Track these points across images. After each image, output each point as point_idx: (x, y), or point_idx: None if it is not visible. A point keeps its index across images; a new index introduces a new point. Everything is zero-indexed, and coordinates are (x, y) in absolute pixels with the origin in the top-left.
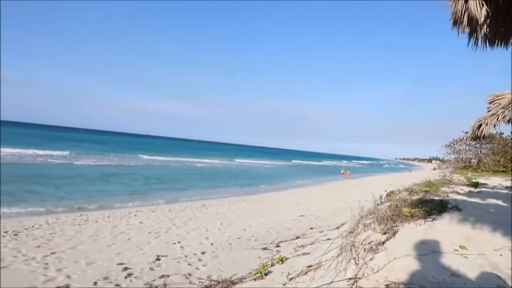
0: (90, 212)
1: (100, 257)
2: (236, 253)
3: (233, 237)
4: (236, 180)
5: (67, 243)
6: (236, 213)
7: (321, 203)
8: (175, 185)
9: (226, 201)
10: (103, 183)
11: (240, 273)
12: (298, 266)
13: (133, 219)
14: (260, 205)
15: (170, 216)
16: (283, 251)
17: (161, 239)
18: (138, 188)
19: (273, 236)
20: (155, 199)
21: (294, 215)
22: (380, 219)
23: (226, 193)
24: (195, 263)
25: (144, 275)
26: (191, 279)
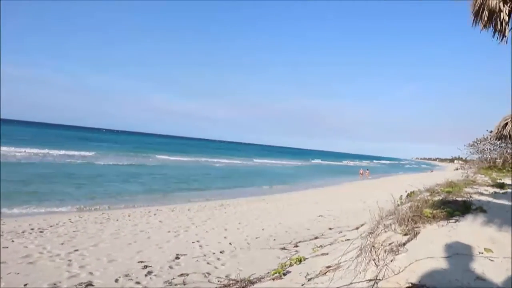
0: (111, 211)
1: (121, 255)
2: (254, 253)
3: (252, 237)
4: (254, 180)
5: (90, 240)
6: (254, 213)
7: (340, 203)
8: (194, 184)
9: (244, 200)
10: (124, 182)
11: (258, 272)
12: (316, 266)
13: (153, 218)
14: (279, 205)
15: (189, 215)
16: (302, 251)
17: (180, 238)
18: (157, 187)
19: (292, 236)
20: (174, 198)
21: (312, 215)
22: (400, 220)
23: (245, 193)
24: (214, 262)
25: (164, 273)
26: (210, 278)
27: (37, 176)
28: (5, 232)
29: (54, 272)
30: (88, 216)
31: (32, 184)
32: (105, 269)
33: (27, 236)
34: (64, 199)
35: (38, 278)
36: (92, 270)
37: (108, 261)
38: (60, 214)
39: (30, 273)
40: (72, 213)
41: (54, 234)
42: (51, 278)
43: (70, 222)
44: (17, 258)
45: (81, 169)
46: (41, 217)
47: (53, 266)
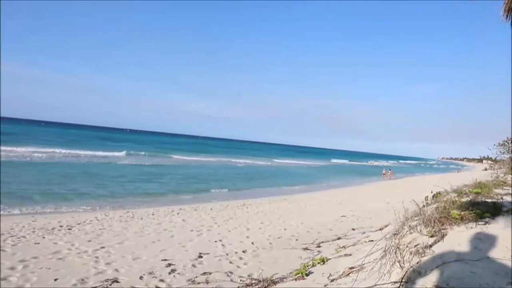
0: (135, 210)
1: (145, 252)
2: (276, 253)
3: (274, 237)
4: (275, 180)
5: (115, 238)
6: (276, 213)
7: (362, 203)
8: (216, 184)
9: (266, 200)
10: (147, 182)
11: (280, 272)
12: (339, 267)
13: (176, 217)
14: (301, 204)
15: (211, 214)
16: (324, 252)
17: (203, 237)
18: (179, 187)
19: (314, 236)
20: (196, 197)
21: (335, 216)
22: (426, 221)
23: (266, 193)
24: (236, 262)
25: (187, 272)
26: (232, 277)
27: (62, 175)
28: (36, 229)
29: (82, 268)
30: (113, 214)
31: (58, 183)
32: (130, 266)
33: (57, 233)
34: (90, 198)
35: (67, 274)
36: (117, 267)
37: (132, 259)
38: (86, 212)
39: (60, 269)
40: (98, 212)
41: (81, 231)
42: (79, 274)
43: (96, 220)
44: (47, 253)
45: (104, 169)
46: (69, 215)
47: (81, 262)
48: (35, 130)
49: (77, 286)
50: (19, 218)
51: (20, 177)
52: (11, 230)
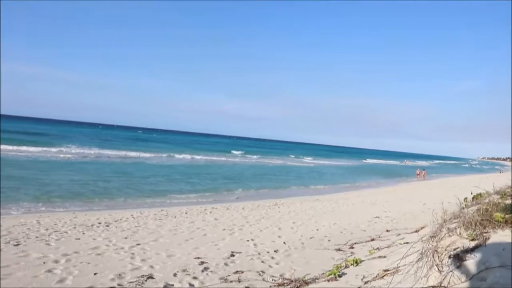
0: (169, 208)
1: (179, 250)
2: (308, 253)
3: (306, 237)
4: (308, 180)
5: (150, 235)
6: (308, 213)
7: (397, 204)
8: (247, 183)
9: (298, 200)
10: (180, 181)
11: (313, 273)
12: (373, 269)
13: (209, 215)
14: (333, 205)
15: (243, 214)
16: (358, 253)
17: (235, 236)
18: (212, 186)
19: (347, 237)
20: (228, 197)
21: (368, 216)
22: (467, 224)
23: (298, 192)
24: (268, 261)
25: (219, 270)
26: (264, 277)
27: (98, 174)
28: (77, 225)
29: (119, 263)
30: (148, 212)
31: (97, 182)
32: (164, 263)
33: (95, 230)
34: (126, 196)
35: (106, 268)
36: (152, 263)
37: (167, 256)
38: (122, 210)
39: (98, 263)
40: (133, 209)
41: (118, 228)
42: (117, 269)
43: (132, 217)
44: (87, 249)
45: (137, 168)
46: (106, 212)
47: (118, 258)
48: (70, 131)
49: (114, 280)
50: (62, 214)
51: (58, 176)
52: (55, 226)
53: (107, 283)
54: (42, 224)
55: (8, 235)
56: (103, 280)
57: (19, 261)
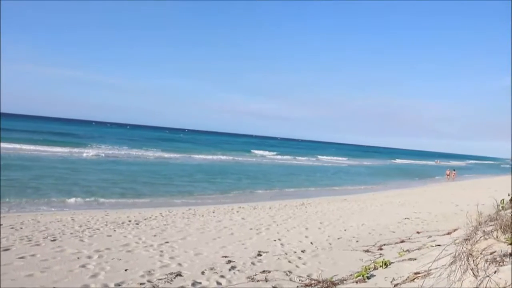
0: (197, 207)
1: (206, 249)
2: (336, 254)
3: (333, 237)
4: (335, 179)
5: (178, 234)
6: (336, 213)
7: (427, 205)
8: (274, 183)
9: (325, 200)
10: (208, 180)
11: (340, 274)
12: (403, 271)
13: (236, 215)
14: (361, 205)
15: (270, 213)
16: (387, 255)
17: (262, 236)
18: (239, 185)
19: (376, 238)
20: (255, 196)
21: (398, 217)
22: (504, 227)
23: (325, 192)
24: (295, 261)
25: (247, 269)
26: (291, 277)
27: (127, 174)
28: (108, 223)
29: (148, 260)
30: (176, 211)
31: (126, 181)
32: (192, 261)
33: (126, 227)
34: (154, 195)
35: (136, 265)
36: (181, 261)
37: (195, 254)
38: (151, 209)
39: (129, 260)
40: (162, 208)
41: (147, 226)
42: (146, 266)
43: (161, 216)
44: (118, 245)
45: (165, 167)
46: (136, 210)
47: (147, 256)
48: (99, 131)
49: (144, 277)
50: (94, 212)
51: (89, 175)
52: (88, 223)
53: (137, 279)
54: (76, 221)
55: (46, 230)
56: (133, 276)
57: (56, 256)
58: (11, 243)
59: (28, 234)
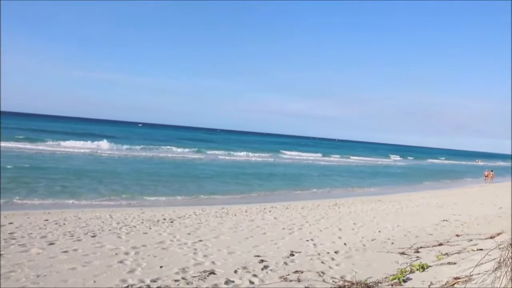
0: (229, 206)
1: (239, 248)
2: (370, 255)
3: (367, 238)
4: (369, 179)
5: (211, 232)
6: (370, 214)
7: (467, 207)
8: (307, 183)
9: (359, 200)
10: (241, 179)
11: (375, 276)
12: (441, 276)
13: (268, 214)
14: (396, 206)
15: (302, 213)
16: (424, 258)
17: (295, 235)
18: (271, 185)
19: (412, 241)
20: (287, 196)
21: (435, 219)
22: None
23: (359, 193)
24: (328, 262)
25: (279, 269)
26: (324, 277)
27: (161, 173)
28: (144, 220)
29: (182, 258)
30: (209, 210)
31: (160, 180)
32: (225, 260)
33: (161, 225)
34: (188, 193)
35: (170, 262)
36: (214, 259)
37: (227, 253)
38: (185, 207)
39: (164, 257)
40: (195, 207)
41: (182, 224)
42: (180, 264)
43: (194, 215)
44: (153, 243)
45: (200, 167)
46: (170, 208)
47: (181, 253)
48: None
49: (179, 274)
50: (131, 210)
51: (123, 174)
52: (125, 220)
53: (172, 276)
54: (114, 218)
55: (86, 227)
56: (168, 273)
57: (96, 251)
58: (56, 237)
59: (70, 230)
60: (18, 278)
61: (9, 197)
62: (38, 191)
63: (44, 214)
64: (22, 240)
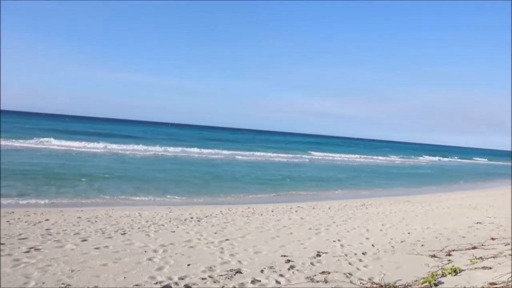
0: (256, 206)
1: (265, 247)
2: (399, 257)
3: (396, 240)
4: (398, 180)
5: (238, 232)
6: (398, 215)
7: (503, 209)
8: (334, 182)
9: (387, 201)
10: (266, 178)
11: (404, 279)
12: (476, 281)
13: (294, 214)
14: (426, 207)
15: (329, 213)
16: (456, 261)
17: (321, 236)
18: (298, 185)
19: (443, 243)
20: (314, 196)
21: (468, 221)
22: None
23: (387, 193)
24: (356, 263)
25: (305, 269)
26: (352, 279)
27: (188, 172)
28: (172, 219)
29: (209, 257)
30: (236, 209)
31: (187, 179)
32: (252, 259)
33: (188, 224)
34: (216, 193)
35: (197, 261)
36: (240, 259)
37: (254, 252)
38: (212, 206)
39: (191, 255)
40: (222, 206)
41: (208, 223)
42: (207, 262)
43: (221, 214)
44: (181, 241)
45: (226, 166)
46: (197, 207)
47: (208, 252)
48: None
49: (206, 272)
50: (159, 208)
51: (152, 173)
52: (153, 218)
53: (199, 274)
54: (143, 216)
55: (116, 224)
56: (195, 271)
57: (126, 248)
58: (88, 234)
59: (101, 227)
60: (55, 272)
61: (43, 195)
62: (69, 189)
63: (77, 211)
64: (57, 236)
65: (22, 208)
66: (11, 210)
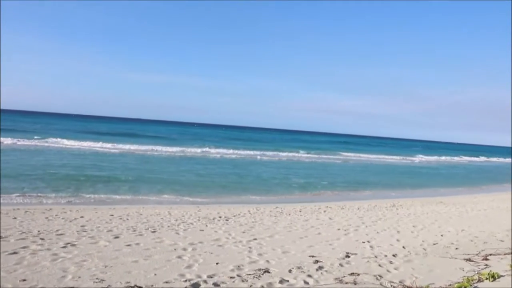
0: (284, 205)
1: (293, 247)
2: (432, 260)
3: (428, 242)
4: (429, 180)
5: (266, 231)
6: (430, 216)
7: None
8: (362, 182)
9: (418, 201)
10: (294, 178)
11: (437, 283)
12: None
13: (323, 214)
14: (460, 209)
15: (358, 214)
16: (494, 266)
17: (350, 237)
18: (327, 184)
19: (479, 247)
20: (343, 196)
21: (507, 225)
22: None
23: (418, 193)
24: (386, 265)
25: (334, 270)
26: (382, 281)
27: (216, 172)
28: (200, 218)
29: (237, 256)
30: (264, 209)
31: (216, 178)
32: (280, 259)
33: (216, 223)
34: (244, 192)
35: (226, 259)
36: (268, 258)
37: (282, 252)
38: (240, 205)
39: (220, 254)
40: (250, 205)
41: (236, 222)
42: (236, 261)
43: (249, 213)
44: (210, 240)
45: (254, 166)
46: (226, 207)
47: (236, 251)
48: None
49: (234, 271)
50: (188, 207)
51: (180, 173)
52: (182, 217)
53: (227, 273)
54: (172, 215)
55: (147, 222)
56: (224, 270)
57: (156, 246)
58: (120, 231)
59: (133, 225)
60: (89, 267)
61: (76, 193)
62: (101, 187)
63: (110, 209)
64: (91, 233)
65: (59, 206)
66: (49, 208)
